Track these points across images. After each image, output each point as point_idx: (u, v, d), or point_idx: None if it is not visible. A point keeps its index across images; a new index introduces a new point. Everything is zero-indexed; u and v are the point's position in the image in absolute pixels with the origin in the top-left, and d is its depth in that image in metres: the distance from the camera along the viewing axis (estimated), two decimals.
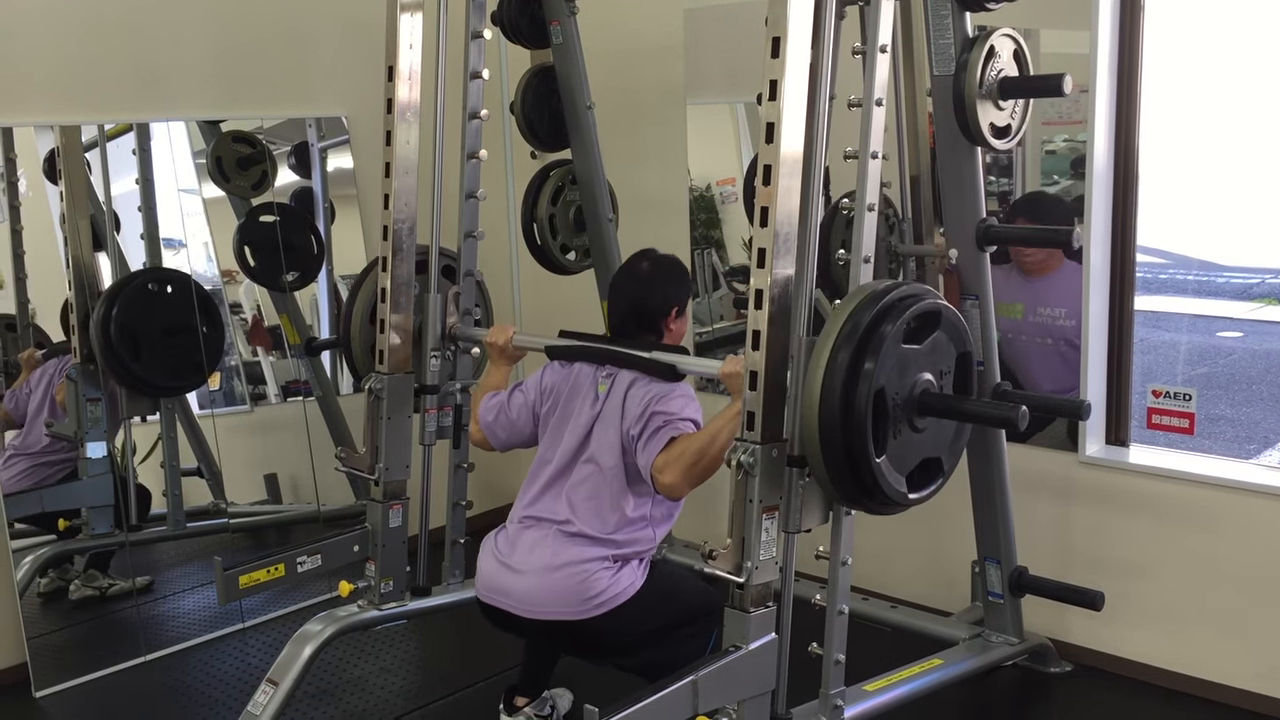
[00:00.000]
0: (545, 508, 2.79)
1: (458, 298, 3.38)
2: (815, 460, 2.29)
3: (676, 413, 2.66)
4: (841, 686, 2.62)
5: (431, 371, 3.32)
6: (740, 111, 4.14)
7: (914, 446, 2.39)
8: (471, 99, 3.39)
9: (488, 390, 3.07)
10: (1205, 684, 3.23)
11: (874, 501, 2.36)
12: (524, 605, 2.71)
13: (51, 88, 3.51)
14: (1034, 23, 3.20)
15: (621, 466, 2.72)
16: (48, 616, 3.63)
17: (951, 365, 2.45)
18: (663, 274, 2.91)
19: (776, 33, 2.26)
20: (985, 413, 2.51)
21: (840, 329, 2.26)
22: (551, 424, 2.88)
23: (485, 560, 2.83)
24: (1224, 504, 3.16)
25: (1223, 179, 8.69)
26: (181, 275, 3.85)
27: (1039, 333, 3.41)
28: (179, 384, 3.87)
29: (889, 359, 2.27)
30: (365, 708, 3.33)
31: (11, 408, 3.60)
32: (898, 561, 3.76)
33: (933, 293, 2.40)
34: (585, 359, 2.89)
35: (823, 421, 2.25)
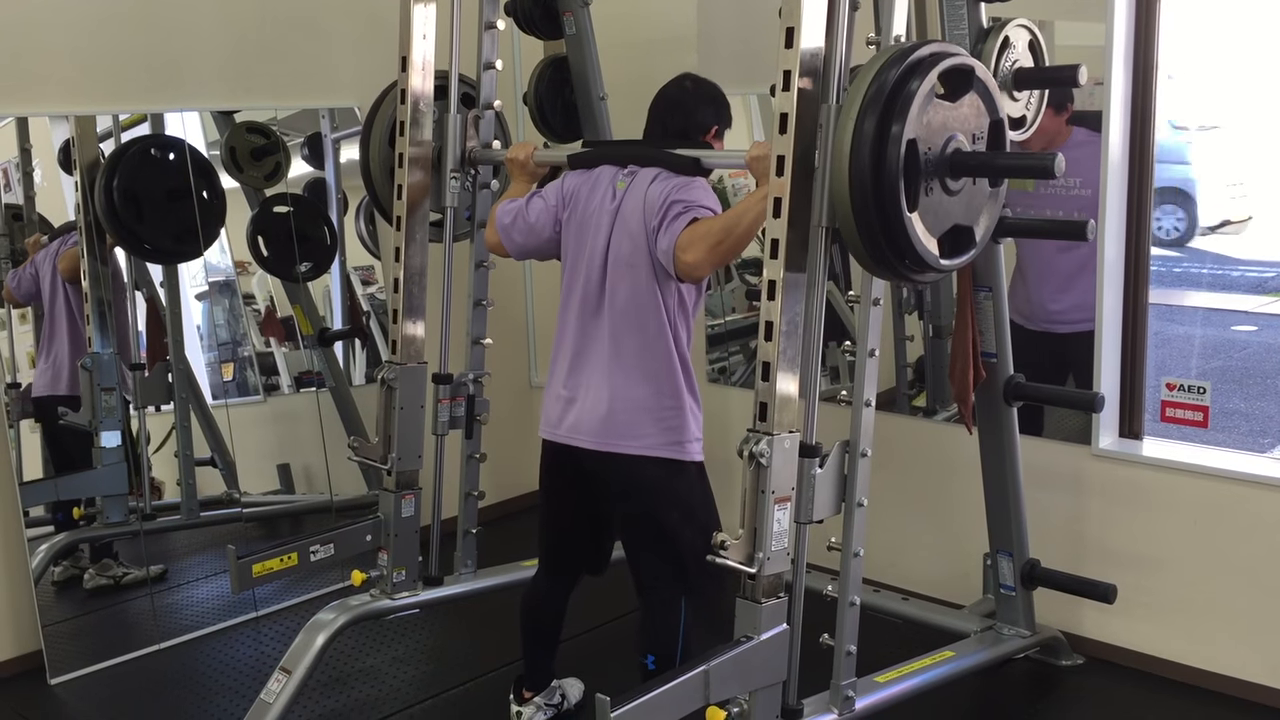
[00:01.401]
0: (590, 328, 2.75)
1: (478, 121, 3.34)
2: (846, 221, 2.24)
3: (697, 200, 2.62)
4: (853, 678, 2.63)
5: (451, 193, 3.28)
6: (753, 102, 4.13)
7: (946, 209, 2.34)
8: (485, 89, 3.39)
9: (506, 199, 3.00)
10: (1218, 678, 3.22)
11: (906, 264, 2.30)
12: (588, 437, 2.71)
13: (66, 78, 3.52)
14: (1049, 14, 3.19)
15: (650, 266, 2.67)
16: (62, 604, 3.66)
17: (984, 131, 2.39)
18: (705, 93, 2.87)
19: (791, 23, 2.26)
20: (1020, 164, 2.46)
21: (867, 88, 2.21)
22: (574, 228, 2.82)
23: (548, 399, 2.83)
24: (1238, 497, 3.14)
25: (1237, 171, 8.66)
26: (180, 141, 3.83)
27: (1052, 206, 3.31)
28: (182, 249, 3.86)
29: (920, 114, 2.21)
30: (377, 696, 3.34)
31: (14, 286, 3.61)
32: (910, 554, 3.76)
33: (963, 51, 2.33)
34: (608, 161, 2.84)
35: (853, 176, 2.19)
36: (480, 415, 3.43)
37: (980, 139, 2.39)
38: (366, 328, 4.38)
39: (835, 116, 2.28)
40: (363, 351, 4.41)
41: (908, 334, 3.75)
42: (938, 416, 3.71)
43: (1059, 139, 3.30)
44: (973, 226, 2.41)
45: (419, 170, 3.19)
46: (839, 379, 3.80)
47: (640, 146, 2.83)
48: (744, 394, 4.14)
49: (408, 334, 3.21)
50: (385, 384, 3.21)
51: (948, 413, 3.65)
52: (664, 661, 2.70)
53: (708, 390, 4.11)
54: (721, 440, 4.03)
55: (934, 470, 3.69)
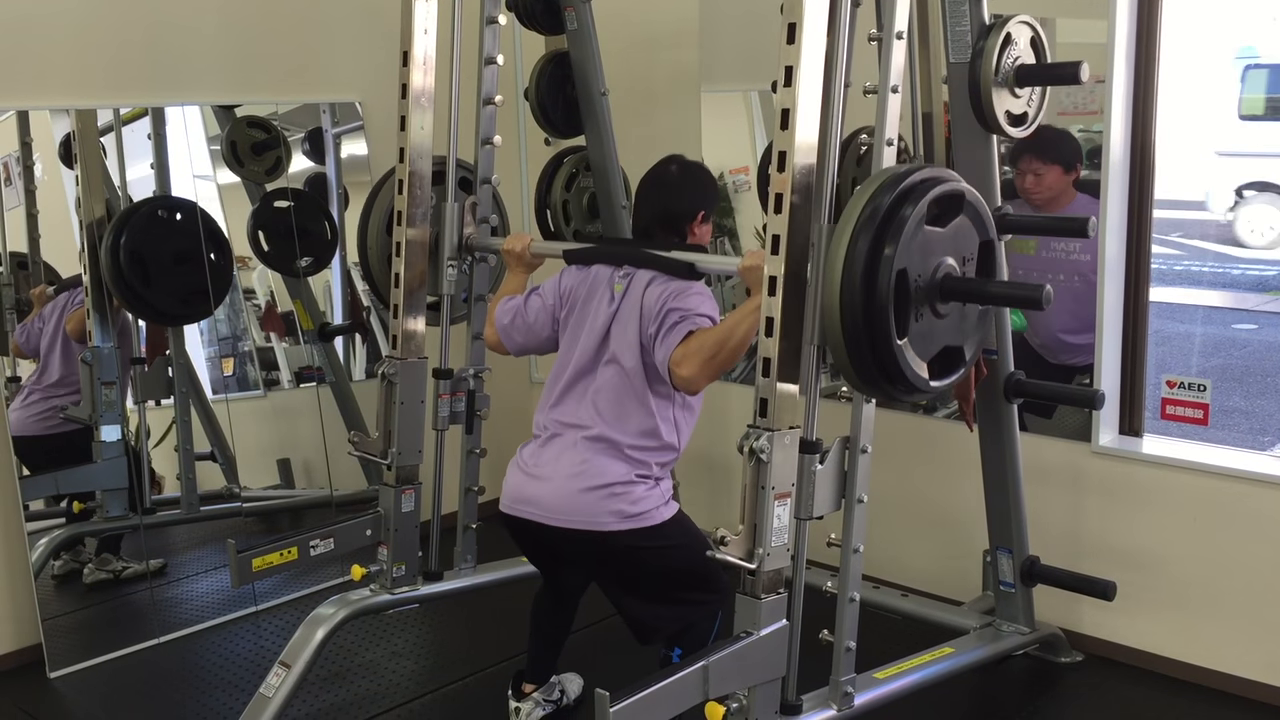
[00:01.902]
0: (569, 413, 2.77)
1: (474, 207, 3.36)
2: (836, 346, 2.26)
3: (693, 309, 2.64)
4: (852, 674, 2.63)
5: (448, 281, 3.30)
6: (754, 100, 4.13)
7: (936, 333, 2.36)
8: (486, 85, 3.39)
9: (504, 296, 3.04)
10: (1217, 675, 3.22)
11: (895, 388, 2.32)
12: (551, 514, 2.69)
13: (67, 71, 3.52)
14: (1051, 11, 3.18)
15: (641, 366, 2.70)
16: (62, 598, 3.66)
17: (974, 252, 2.41)
18: (692, 178, 2.90)
19: (792, 19, 2.25)
20: (1009, 293, 2.49)
21: (861, 211, 2.23)
22: (570, 326, 2.85)
23: (511, 473, 2.82)
24: (1237, 495, 3.15)
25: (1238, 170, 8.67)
26: (189, 203, 3.84)
27: (1053, 269, 3.34)
28: (188, 312, 3.86)
29: (911, 241, 2.23)
30: (377, 691, 3.34)
31: (22, 341, 3.61)
32: (909, 550, 3.76)
33: (955, 176, 2.36)
34: (603, 260, 2.87)
35: (844, 303, 2.21)
36: (481, 410, 3.43)
37: (970, 260, 2.41)
38: (367, 323, 4.38)
39: (827, 238, 2.29)
40: (363, 346, 4.41)
41: None
42: (938, 413, 3.71)
43: (1064, 199, 3.34)
44: (963, 346, 2.44)
45: (417, 254, 3.20)
46: (839, 376, 3.79)
47: (635, 247, 2.86)
48: (744, 390, 4.13)
49: (408, 329, 3.21)
50: (386, 379, 3.21)
51: (948, 409, 3.65)
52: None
53: (708, 386, 4.11)
54: (721, 437, 4.04)
55: (934, 467, 3.70)
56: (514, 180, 4.52)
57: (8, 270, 3.57)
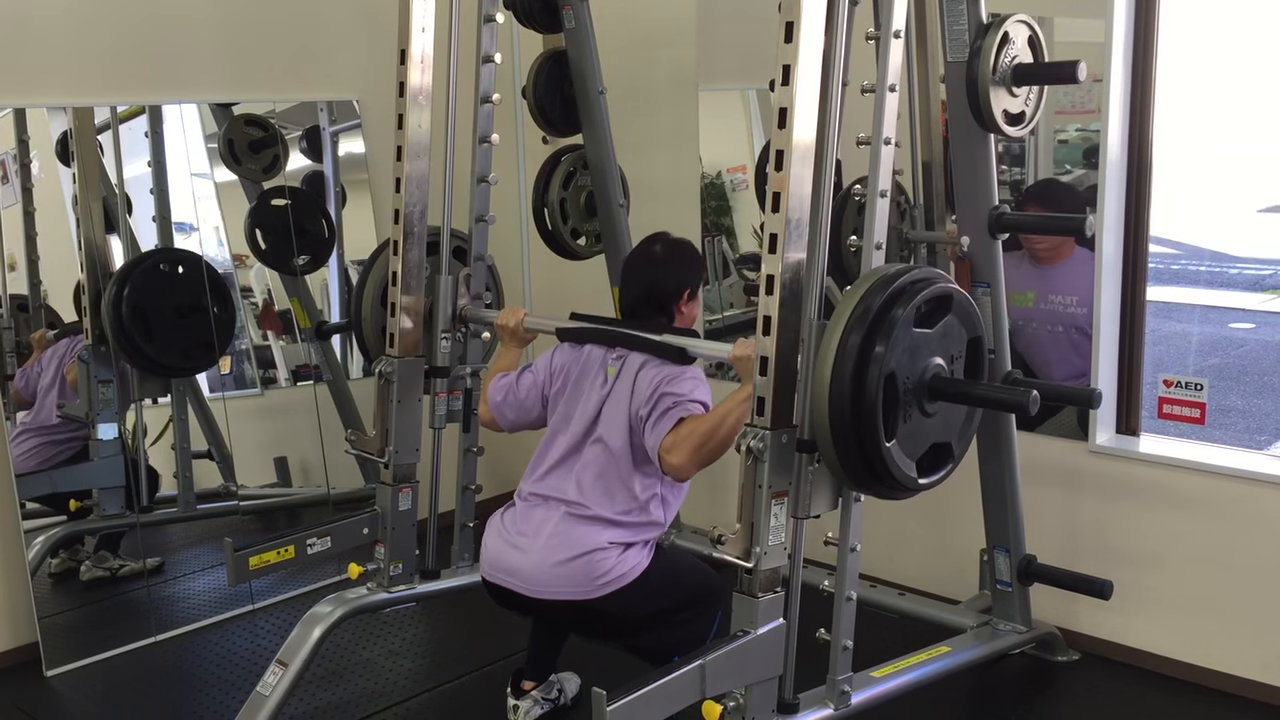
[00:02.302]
0: (553, 486, 2.79)
1: (469, 279, 3.38)
2: (825, 445, 2.29)
3: (686, 394, 2.66)
4: (849, 672, 2.63)
5: (442, 353, 3.32)
6: (752, 98, 4.13)
7: (924, 431, 2.39)
8: (483, 83, 3.38)
9: (498, 372, 3.08)
10: (1213, 674, 3.23)
11: (884, 486, 2.36)
12: (530, 585, 2.72)
13: (65, 69, 3.51)
14: (1048, 10, 3.18)
15: (629, 448, 2.73)
16: (59, 596, 3.66)
17: (963, 350, 2.45)
18: (676, 257, 2.92)
19: (790, 17, 2.25)
20: (996, 397, 2.51)
21: (851, 312, 2.26)
22: (561, 404, 2.89)
23: (491, 539, 2.84)
24: (1234, 494, 3.15)
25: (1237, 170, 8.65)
26: (193, 255, 3.85)
27: (1050, 320, 3.40)
28: (190, 365, 3.88)
29: (900, 343, 2.27)
30: (374, 689, 3.34)
31: (22, 386, 3.61)
32: (906, 549, 3.76)
33: (944, 276, 2.39)
34: (596, 341, 2.90)
35: (833, 405, 2.25)
36: (478, 409, 3.42)
37: (959, 358, 2.43)
38: None
39: (817, 335, 2.31)
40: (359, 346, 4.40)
41: None
42: None
43: (1063, 252, 3.38)
44: (951, 442, 2.46)
45: (411, 319, 3.22)
46: None
47: (627, 330, 2.87)
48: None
49: (405, 327, 3.21)
50: (383, 377, 3.21)
51: None
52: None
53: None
54: None
55: None
56: (512, 179, 4.52)
57: (8, 313, 3.56)
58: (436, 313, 3.32)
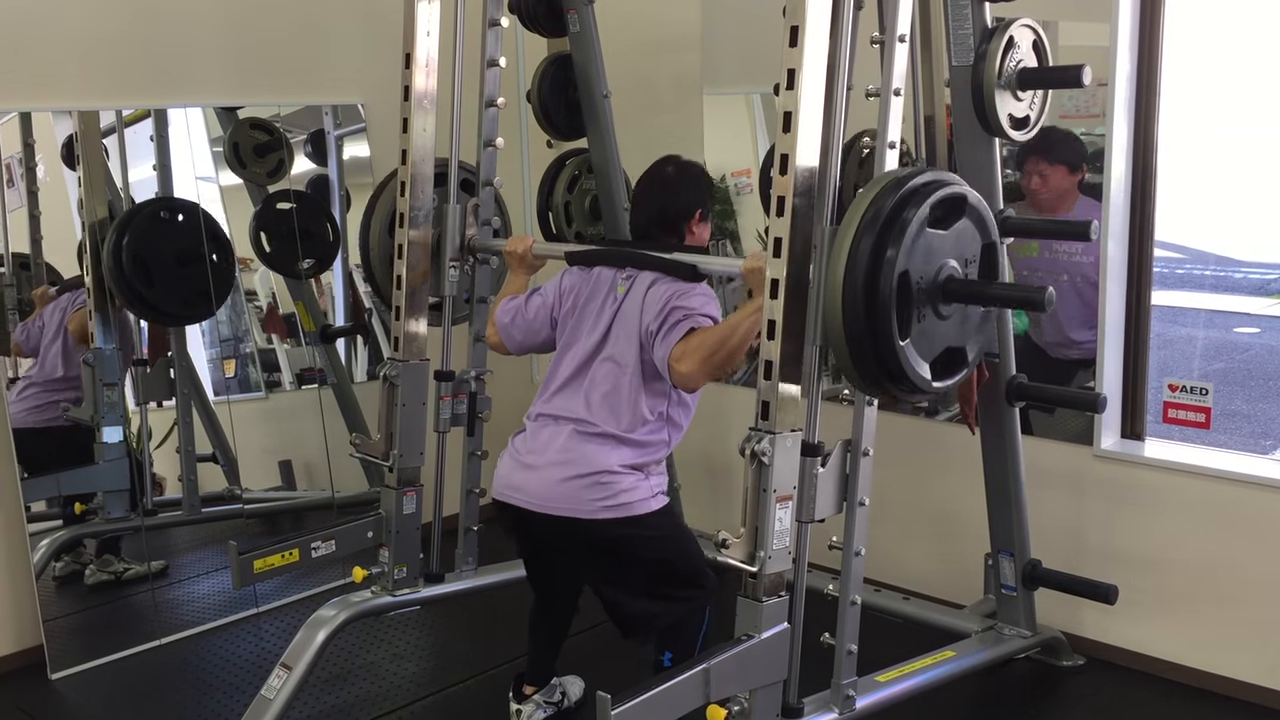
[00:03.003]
0: (562, 405, 2.78)
1: (476, 209, 3.37)
2: (839, 347, 2.27)
3: (696, 308, 2.66)
4: (854, 677, 2.63)
5: (450, 282, 3.32)
6: (756, 102, 4.13)
7: (938, 333, 2.36)
8: (488, 87, 3.39)
9: (506, 296, 3.07)
10: (1219, 679, 3.22)
11: (898, 387, 2.33)
12: (538, 500, 2.71)
13: (70, 73, 3.52)
14: (1053, 14, 3.18)
15: (639, 364, 2.72)
16: (63, 599, 3.66)
17: (977, 254, 2.41)
18: (687, 178, 2.92)
19: (795, 21, 2.26)
20: (1010, 295, 2.49)
21: (863, 214, 2.24)
22: (570, 325, 2.87)
23: (503, 461, 2.84)
24: (1239, 499, 3.14)
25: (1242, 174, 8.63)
26: (191, 204, 3.84)
27: (1055, 269, 3.35)
28: (190, 313, 3.86)
29: (913, 243, 2.24)
30: (378, 693, 3.34)
31: (23, 339, 3.61)
32: (911, 553, 3.76)
33: (958, 180, 2.36)
34: (605, 262, 2.89)
35: (846, 304, 2.22)
36: (482, 413, 3.43)
37: (973, 262, 2.41)
38: (368, 325, 4.38)
39: (830, 239, 2.30)
40: (364, 348, 4.41)
41: None
42: (939, 416, 3.71)
43: (1068, 199, 3.34)
44: (965, 347, 2.44)
45: (419, 255, 3.20)
46: (841, 379, 3.79)
47: (637, 250, 2.87)
48: (745, 393, 4.13)
49: (410, 331, 3.21)
50: (387, 381, 3.21)
51: (949, 412, 3.65)
52: (681, 660, 2.71)
53: (709, 389, 4.10)
54: (722, 439, 4.04)
55: (936, 470, 3.69)
56: (516, 182, 4.52)
57: (10, 271, 3.57)
58: (444, 243, 3.31)
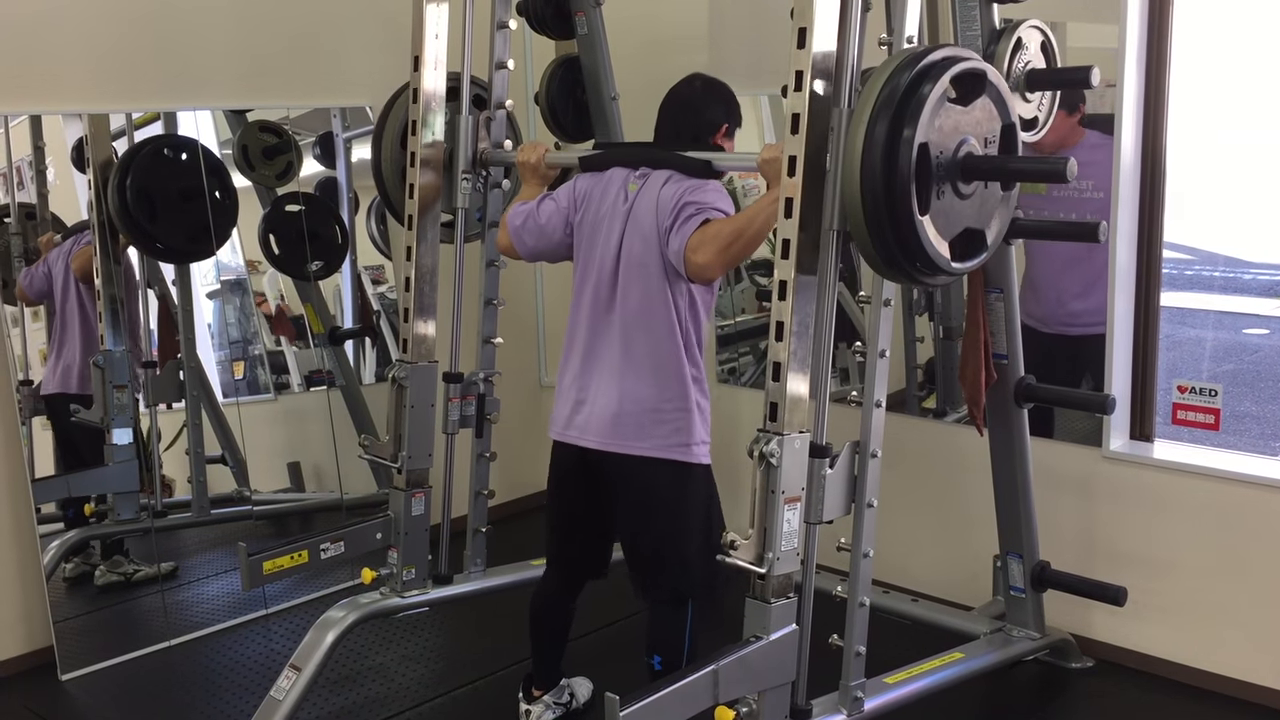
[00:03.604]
0: (599, 329, 2.77)
1: (489, 122, 3.36)
2: (857, 223, 2.25)
3: (710, 203, 2.64)
4: (862, 678, 2.63)
5: (462, 194, 3.30)
6: (764, 103, 4.13)
7: (958, 212, 2.34)
8: (496, 89, 3.40)
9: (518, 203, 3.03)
10: (1228, 681, 3.21)
11: (915, 268, 2.31)
12: (599, 439, 2.73)
13: (80, 76, 3.53)
14: (1061, 15, 3.18)
15: (661, 266, 2.68)
16: (73, 601, 3.67)
17: (996, 135, 2.39)
18: (714, 93, 2.88)
19: (803, 23, 2.26)
20: (1031, 168, 2.46)
21: (879, 91, 2.22)
22: (586, 230, 2.84)
23: (558, 400, 2.85)
24: (1249, 500, 3.14)
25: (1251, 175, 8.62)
26: (193, 142, 3.83)
27: (1065, 209, 3.31)
28: (194, 248, 3.86)
29: (932, 117, 2.22)
30: (387, 694, 3.35)
31: (27, 284, 3.61)
32: (919, 555, 3.76)
33: (976, 56, 2.33)
34: (619, 163, 2.85)
35: (864, 179, 2.20)
36: (491, 414, 3.43)
37: (992, 143, 2.39)
38: (377, 326, 4.39)
39: (847, 120, 2.28)
40: (373, 350, 4.42)
41: (918, 335, 3.75)
42: (948, 418, 3.71)
43: (1071, 140, 3.29)
44: (984, 230, 2.41)
45: (430, 171, 3.19)
46: (849, 380, 3.80)
47: (651, 149, 2.84)
48: (754, 394, 4.14)
49: (419, 333, 3.22)
50: (396, 382, 3.22)
51: (958, 414, 3.65)
52: (670, 662, 2.72)
53: (718, 391, 4.11)
54: (731, 441, 4.04)
55: (944, 472, 3.69)
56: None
57: (15, 220, 3.57)
58: (456, 156, 3.30)
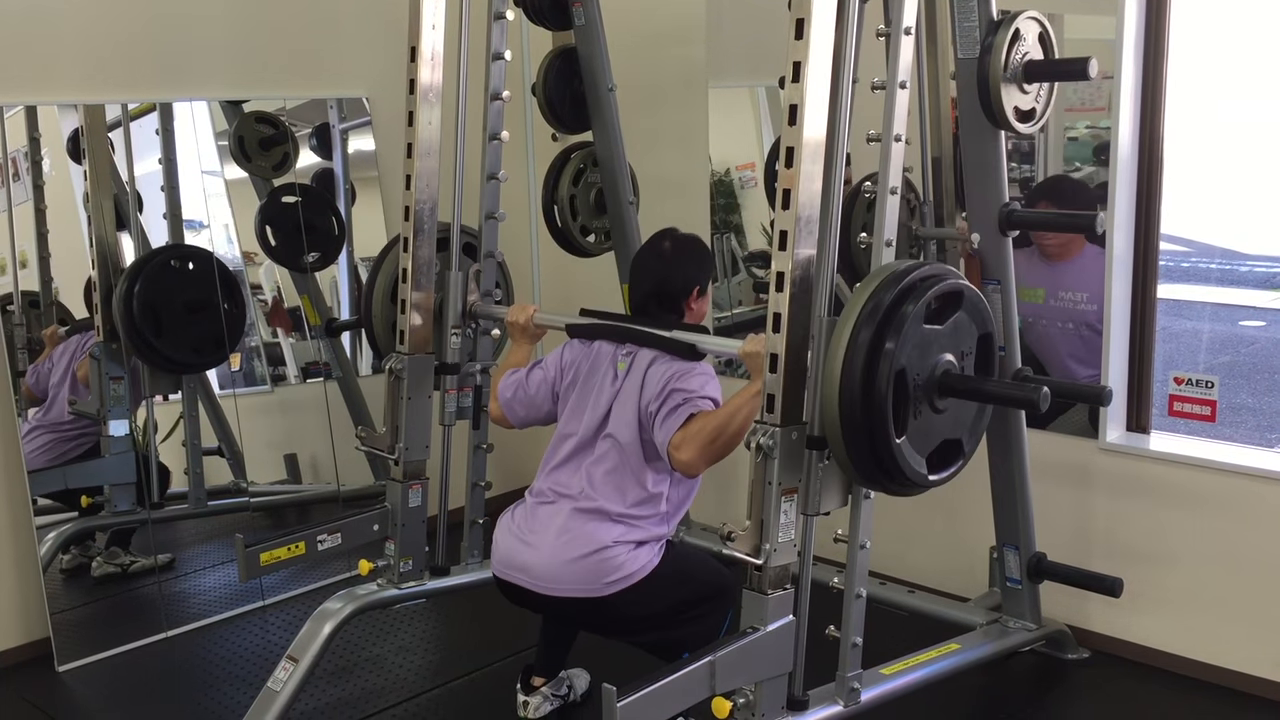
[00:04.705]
0: (563, 483, 2.80)
1: (479, 275, 3.39)
2: (835, 441, 2.29)
3: (696, 390, 2.66)
4: (859, 669, 2.63)
5: (452, 349, 3.32)
6: (761, 95, 4.13)
7: (934, 428, 2.39)
8: (493, 80, 3.39)
9: (508, 369, 3.09)
10: (1224, 672, 3.22)
11: (894, 483, 2.36)
12: (541, 582, 2.72)
13: (76, 67, 3.52)
14: (1059, 7, 3.18)
15: (639, 443, 2.73)
16: (70, 592, 3.67)
17: (973, 346, 2.45)
18: (685, 253, 2.92)
19: (800, 14, 2.25)
20: (1007, 394, 2.51)
21: (861, 308, 2.26)
22: (571, 401, 2.89)
23: (502, 536, 2.85)
24: (1245, 492, 3.14)
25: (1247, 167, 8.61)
26: (203, 251, 3.86)
27: (1060, 317, 3.39)
28: (201, 360, 3.88)
29: (910, 339, 2.27)
30: (383, 686, 3.35)
31: (33, 383, 3.62)
32: (916, 546, 3.76)
33: (955, 273, 2.40)
34: (606, 337, 2.90)
35: (843, 401, 2.25)
36: (487, 405, 3.42)
37: (969, 354, 2.43)
38: None
39: (828, 332, 2.31)
40: (369, 342, 4.41)
41: None
42: None
43: (1073, 249, 3.38)
44: (961, 439, 2.46)
45: (421, 316, 3.20)
46: None
47: (637, 326, 2.87)
48: None
49: (415, 324, 3.21)
50: (393, 374, 3.21)
51: None
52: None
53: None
54: None
55: None
56: (521, 176, 4.52)
57: (19, 310, 3.57)
58: (446, 309, 3.32)
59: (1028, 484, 3.18)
